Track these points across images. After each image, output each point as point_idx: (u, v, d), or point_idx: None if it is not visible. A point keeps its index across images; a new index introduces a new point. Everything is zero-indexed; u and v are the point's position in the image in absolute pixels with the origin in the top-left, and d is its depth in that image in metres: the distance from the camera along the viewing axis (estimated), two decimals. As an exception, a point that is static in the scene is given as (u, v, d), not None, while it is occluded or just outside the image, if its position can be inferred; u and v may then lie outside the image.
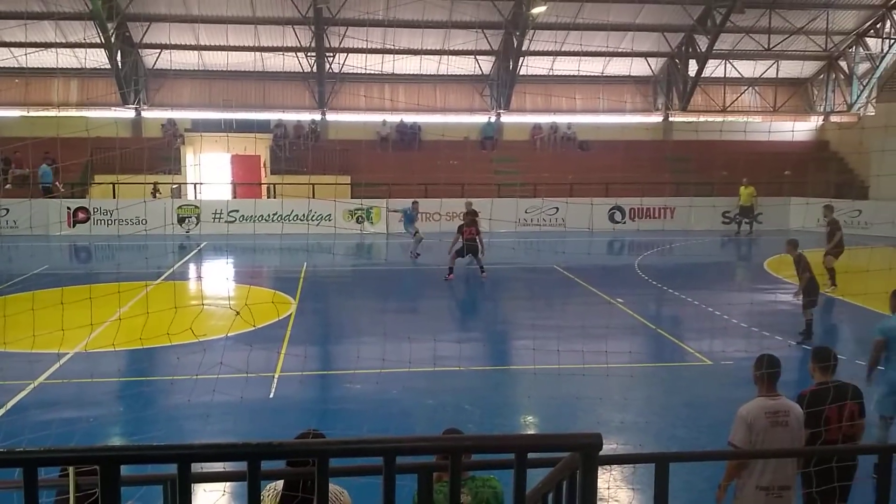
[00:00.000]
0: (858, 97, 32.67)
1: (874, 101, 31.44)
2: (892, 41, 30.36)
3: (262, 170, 30.93)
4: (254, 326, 13.74)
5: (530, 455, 3.41)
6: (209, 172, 30.22)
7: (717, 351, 12.57)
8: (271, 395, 10.54)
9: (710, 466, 6.15)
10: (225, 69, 29.98)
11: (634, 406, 10.41)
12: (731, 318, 14.87)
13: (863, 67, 32.57)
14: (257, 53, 28.97)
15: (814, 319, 13.37)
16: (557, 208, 27.03)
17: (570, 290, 18.22)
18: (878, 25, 30.93)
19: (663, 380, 12.04)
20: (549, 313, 16.54)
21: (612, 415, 9.88)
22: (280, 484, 4.19)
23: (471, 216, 19.25)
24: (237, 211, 26.93)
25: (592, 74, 31.51)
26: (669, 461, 4.23)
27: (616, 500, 7.24)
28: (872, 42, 31.58)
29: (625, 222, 28.17)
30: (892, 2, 29.62)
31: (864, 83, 32.34)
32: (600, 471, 7.94)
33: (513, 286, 19.24)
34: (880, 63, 31.31)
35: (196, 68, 29.50)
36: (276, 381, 11.05)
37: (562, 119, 33.08)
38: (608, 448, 8.67)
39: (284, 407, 10.14)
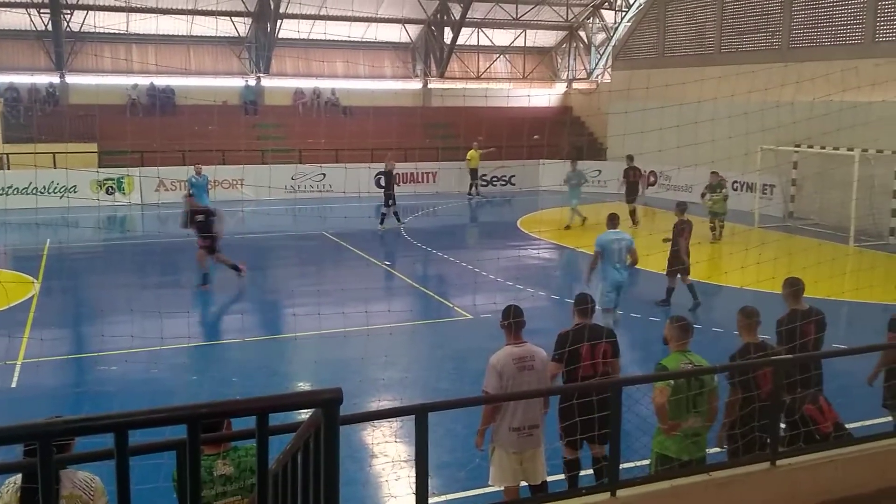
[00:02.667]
0: (596, 65, 35.49)
1: (610, 68, 34.26)
2: (624, 13, 33.20)
3: (-7, 138, 27.73)
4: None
5: (294, 421, 3.44)
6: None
7: (477, 305, 13.27)
8: (13, 385, 9.67)
9: (471, 415, 6.53)
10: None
11: (400, 363, 10.77)
12: (488, 275, 15.75)
13: (600, 38, 35.37)
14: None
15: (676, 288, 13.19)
16: (324, 174, 26.90)
17: (339, 256, 18.32)
18: (611, -1, 33.67)
19: (428, 336, 12.56)
20: (319, 280, 16.54)
21: (378, 373, 10.14)
22: (20, 477, 3.90)
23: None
24: (-38, 185, 24.00)
25: (352, 39, 31.48)
26: (427, 411, 4.48)
27: (384, 454, 7.49)
28: (608, 14, 34.36)
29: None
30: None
31: (602, 52, 35.17)
32: (369, 427, 8.16)
33: (282, 254, 18.98)
34: (614, 33, 34.16)
35: None
36: (18, 368, 10.13)
37: (324, 84, 32.78)
38: (376, 406, 8.89)
39: (30, 397, 9.37)
